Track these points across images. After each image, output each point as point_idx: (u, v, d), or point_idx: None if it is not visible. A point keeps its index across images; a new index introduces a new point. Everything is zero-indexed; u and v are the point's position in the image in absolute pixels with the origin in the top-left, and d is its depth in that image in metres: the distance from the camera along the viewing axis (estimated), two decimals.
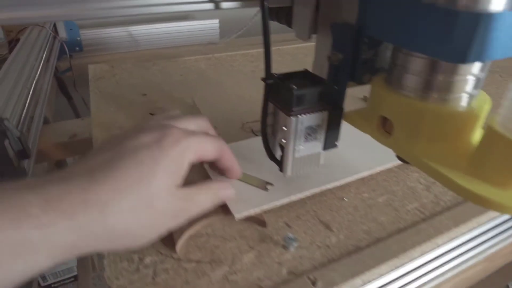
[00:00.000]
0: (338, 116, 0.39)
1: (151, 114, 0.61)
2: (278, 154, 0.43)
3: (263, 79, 0.37)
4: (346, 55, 0.36)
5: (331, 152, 0.41)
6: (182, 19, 1.17)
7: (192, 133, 0.33)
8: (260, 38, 0.36)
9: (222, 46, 1.06)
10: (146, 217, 0.28)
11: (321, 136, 0.40)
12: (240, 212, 0.38)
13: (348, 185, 0.46)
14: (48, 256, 0.24)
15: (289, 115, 0.36)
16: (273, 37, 0.36)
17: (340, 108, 0.39)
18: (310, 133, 0.39)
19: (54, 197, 0.25)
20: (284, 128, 0.37)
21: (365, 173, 0.46)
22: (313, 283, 0.33)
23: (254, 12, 0.81)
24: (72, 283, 1.35)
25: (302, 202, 0.43)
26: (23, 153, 0.47)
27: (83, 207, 0.25)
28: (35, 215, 0.23)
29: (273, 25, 0.39)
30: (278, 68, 0.38)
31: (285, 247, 0.37)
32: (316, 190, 0.43)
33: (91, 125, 0.62)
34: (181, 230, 0.36)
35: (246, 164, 0.47)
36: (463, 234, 0.41)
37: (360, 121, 0.38)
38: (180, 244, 0.36)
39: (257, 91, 0.73)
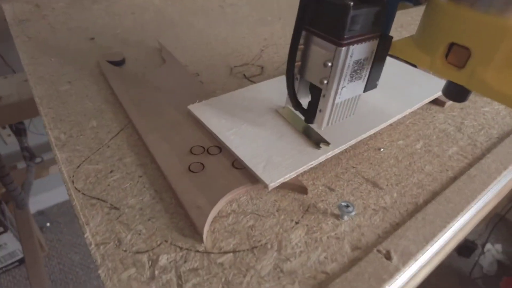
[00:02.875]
0: (387, 47, 0.30)
1: (109, 61, 0.47)
2: (304, 101, 0.34)
3: None
4: None
5: None
6: None
7: None
8: None
9: None
10: None
11: (366, 73, 0.31)
12: (274, 179, 0.29)
13: (379, 133, 0.39)
14: None
15: (340, 44, 0.26)
16: None
17: (390, 37, 0.30)
18: (357, 69, 0.30)
19: None
20: (328, 63, 0.28)
21: (396, 117, 0.39)
22: (388, 257, 0.26)
23: None
24: (17, 268, 1.19)
25: (336, 158, 0.35)
26: None
27: None
28: None
29: None
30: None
31: (337, 217, 0.29)
32: (352, 141, 0.35)
33: (19, 84, 0.46)
34: (201, 212, 0.27)
35: (248, 116, 0.37)
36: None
37: (414, 52, 0.29)
38: (205, 230, 0.26)
39: (233, 29, 0.61)
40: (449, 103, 0.45)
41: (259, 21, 0.66)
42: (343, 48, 0.27)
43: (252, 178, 0.30)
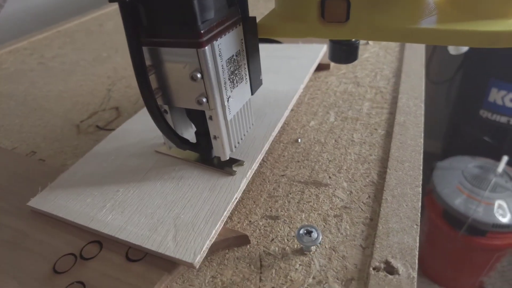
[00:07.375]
0: (255, 30, 0.23)
1: None
2: (187, 132, 0.24)
3: None
4: None
5: None
6: None
7: None
8: None
9: None
10: None
11: (245, 71, 0.23)
12: (197, 250, 0.19)
13: (285, 123, 0.32)
14: None
15: (200, 44, 0.18)
16: None
17: (253, 18, 0.23)
18: (234, 69, 0.22)
19: None
20: (197, 75, 0.19)
21: (294, 99, 0.33)
22: (391, 271, 0.19)
23: None
24: None
25: (259, 175, 0.27)
26: None
27: None
28: None
29: None
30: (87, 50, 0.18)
31: (301, 251, 0.20)
32: (266, 146, 0.27)
33: None
34: None
35: (121, 175, 0.26)
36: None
37: (286, 26, 0.23)
38: None
39: (65, 82, 0.48)
40: (333, 63, 0.42)
41: (94, 61, 0.54)
42: (206, 47, 0.18)
43: (165, 265, 0.20)
